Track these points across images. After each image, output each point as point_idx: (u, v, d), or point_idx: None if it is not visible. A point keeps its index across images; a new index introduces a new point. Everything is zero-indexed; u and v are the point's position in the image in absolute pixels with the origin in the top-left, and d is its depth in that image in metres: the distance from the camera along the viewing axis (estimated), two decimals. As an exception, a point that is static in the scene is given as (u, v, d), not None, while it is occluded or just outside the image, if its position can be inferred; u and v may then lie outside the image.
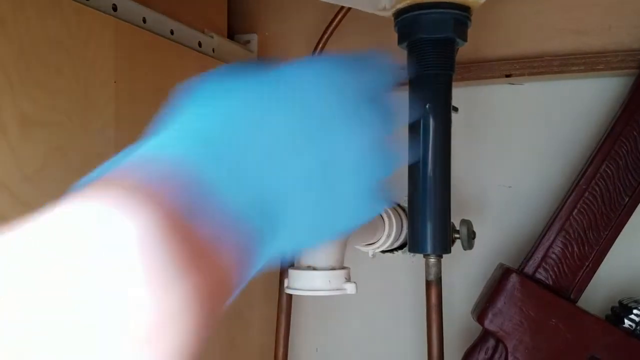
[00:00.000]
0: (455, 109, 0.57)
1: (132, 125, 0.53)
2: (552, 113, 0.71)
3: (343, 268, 0.58)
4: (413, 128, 0.56)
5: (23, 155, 0.42)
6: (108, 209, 0.22)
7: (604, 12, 0.66)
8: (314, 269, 0.53)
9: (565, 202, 0.64)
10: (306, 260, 0.53)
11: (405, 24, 0.56)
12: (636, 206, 0.63)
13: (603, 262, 0.64)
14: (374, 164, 0.33)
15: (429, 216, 0.59)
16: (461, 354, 0.67)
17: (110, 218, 0.22)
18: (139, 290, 0.21)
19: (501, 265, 0.67)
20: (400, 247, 0.65)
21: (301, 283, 0.52)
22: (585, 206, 0.63)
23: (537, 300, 0.62)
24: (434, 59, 0.55)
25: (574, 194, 0.64)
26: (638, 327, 0.62)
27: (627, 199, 0.63)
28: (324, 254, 0.53)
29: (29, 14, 0.43)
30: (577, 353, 0.61)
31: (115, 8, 0.52)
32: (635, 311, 0.62)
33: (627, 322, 0.62)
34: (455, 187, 0.61)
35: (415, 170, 0.58)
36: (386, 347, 0.77)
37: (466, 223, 0.62)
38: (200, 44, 0.65)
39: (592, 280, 0.64)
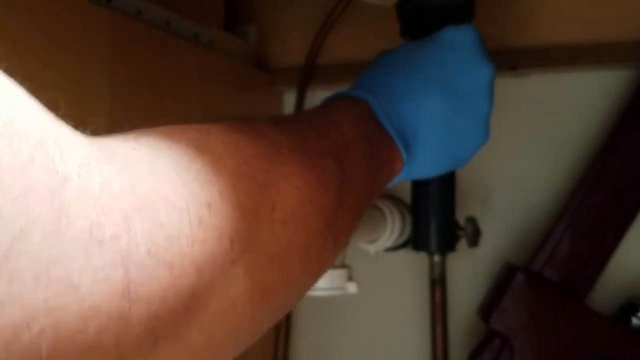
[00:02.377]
0: None
1: (126, 119, 0.52)
2: (559, 106, 0.69)
3: (344, 267, 0.57)
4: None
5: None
6: None
7: (613, 3, 0.65)
8: (316, 268, 0.51)
9: (572, 197, 0.63)
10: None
11: (408, 14, 0.55)
12: (645, 202, 0.62)
13: (611, 260, 0.62)
14: (489, 102, 0.47)
15: (432, 213, 0.58)
16: (466, 354, 0.66)
17: None
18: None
19: (507, 264, 0.66)
20: (404, 245, 0.64)
21: (302, 283, 0.51)
22: (593, 202, 0.62)
23: (544, 299, 0.61)
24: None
25: (581, 189, 0.63)
26: (646, 326, 0.61)
27: (635, 194, 0.62)
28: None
29: (21, 6, 0.42)
30: (585, 352, 0.60)
31: (109, -1, 0.51)
32: (643, 309, 0.61)
33: (634, 321, 0.61)
34: (460, 182, 0.59)
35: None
36: (389, 347, 0.76)
37: (471, 220, 0.60)
38: (197, 36, 0.64)
39: (600, 278, 0.63)
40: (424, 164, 0.44)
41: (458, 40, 0.47)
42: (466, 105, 0.45)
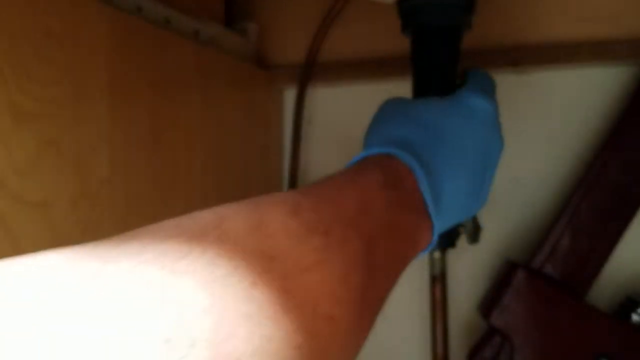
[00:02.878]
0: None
1: (126, 117, 0.52)
2: (559, 103, 0.70)
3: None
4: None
5: (15, 148, 0.41)
6: None
7: (614, 0, 0.65)
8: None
9: (573, 195, 0.63)
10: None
11: (409, 11, 0.55)
12: (645, 199, 0.62)
13: (611, 257, 0.63)
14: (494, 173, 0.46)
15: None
16: (466, 350, 0.66)
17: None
18: None
19: (508, 261, 0.66)
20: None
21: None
22: (593, 199, 0.62)
23: (544, 296, 0.61)
24: (438, 48, 0.54)
25: (581, 186, 0.63)
26: (646, 322, 0.61)
27: (635, 191, 0.62)
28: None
29: (21, 3, 0.42)
30: (585, 349, 0.60)
31: (109, -4, 0.51)
32: (643, 306, 0.62)
33: (634, 318, 0.62)
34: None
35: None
36: (389, 343, 0.76)
37: (472, 217, 0.60)
38: (197, 33, 0.64)
39: (599, 275, 0.63)
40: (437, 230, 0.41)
41: (486, 112, 0.46)
42: (485, 176, 0.45)
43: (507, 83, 0.71)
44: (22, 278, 0.18)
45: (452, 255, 0.63)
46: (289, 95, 0.80)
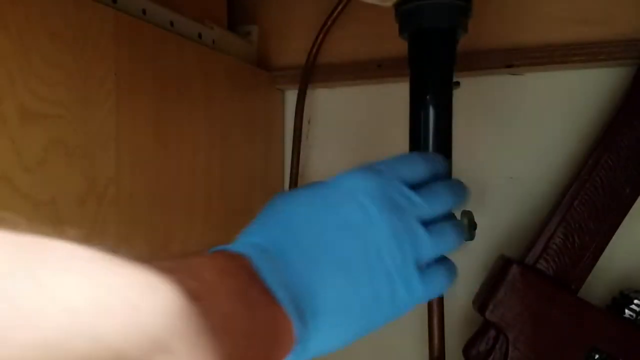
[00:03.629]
0: (457, 84, 0.57)
1: (132, 117, 0.53)
2: (553, 103, 0.71)
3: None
4: (414, 119, 0.56)
5: (24, 148, 0.42)
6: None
7: (606, 2, 0.66)
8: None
9: (567, 192, 0.64)
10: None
11: (406, 14, 0.56)
12: (637, 196, 0.63)
13: (604, 253, 0.64)
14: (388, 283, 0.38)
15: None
16: (462, 345, 0.67)
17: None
18: None
19: (502, 256, 0.67)
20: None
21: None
22: (587, 197, 0.63)
23: (537, 291, 0.62)
24: (435, 50, 0.55)
25: (575, 184, 0.64)
26: (639, 318, 0.62)
27: (628, 189, 0.63)
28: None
29: (28, 6, 0.43)
30: (578, 343, 0.61)
31: (115, 0, 0.52)
32: (635, 301, 0.62)
33: (627, 312, 0.62)
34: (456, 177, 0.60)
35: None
36: (387, 338, 0.77)
37: (467, 214, 0.61)
38: (200, 36, 0.65)
39: (593, 271, 0.64)
40: (326, 339, 0.37)
41: (357, 190, 0.39)
42: (380, 266, 0.38)
43: (502, 84, 0.72)
44: None
45: (449, 251, 0.64)
46: (290, 96, 0.81)
